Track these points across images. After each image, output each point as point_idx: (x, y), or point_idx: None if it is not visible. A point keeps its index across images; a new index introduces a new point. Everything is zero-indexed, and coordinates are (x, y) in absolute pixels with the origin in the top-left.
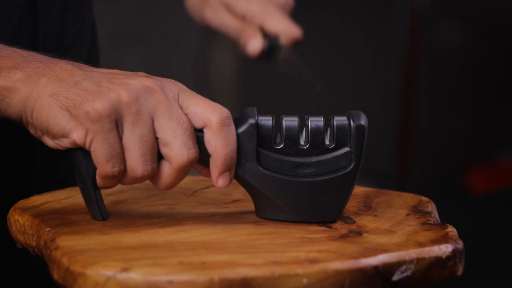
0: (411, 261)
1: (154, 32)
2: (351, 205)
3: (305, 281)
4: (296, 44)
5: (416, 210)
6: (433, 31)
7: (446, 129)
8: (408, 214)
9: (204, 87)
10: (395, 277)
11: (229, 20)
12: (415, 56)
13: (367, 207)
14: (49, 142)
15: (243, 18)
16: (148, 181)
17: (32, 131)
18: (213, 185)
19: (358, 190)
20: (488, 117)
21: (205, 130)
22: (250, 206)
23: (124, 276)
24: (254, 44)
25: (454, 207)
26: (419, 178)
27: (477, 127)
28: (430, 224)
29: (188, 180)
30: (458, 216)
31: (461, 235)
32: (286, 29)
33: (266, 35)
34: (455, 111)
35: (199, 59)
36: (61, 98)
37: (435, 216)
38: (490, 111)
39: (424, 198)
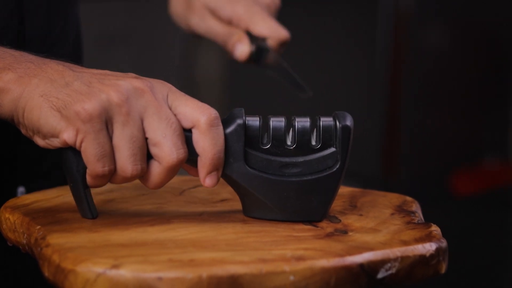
0: (395, 259)
1: (141, 34)
2: (337, 204)
3: (291, 278)
4: (284, 46)
5: (401, 210)
6: (418, 34)
7: (433, 132)
8: (392, 214)
9: (190, 89)
10: (380, 275)
11: (215, 25)
12: (401, 59)
13: (353, 206)
14: (40, 141)
15: (229, 22)
16: (137, 181)
17: (23, 131)
18: (201, 185)
19: (344, 190)
20: (474, 120)
21: (193, 130)
22: (237, 205)
23: (114, 273)
24: (242, 49)
25: (439, 209)
26: (406, 180)
27: (464, 130)
28: (414, 223)
29: (176, 179)
30: (443, 217)
31: (447, 236)
32: (273, 31)
33: (253, 38)
34: (442, 114)
35: (185, 61)
36: (52, 99)
37: (419, 215)
38: (476, 114)
39: (408, 198)
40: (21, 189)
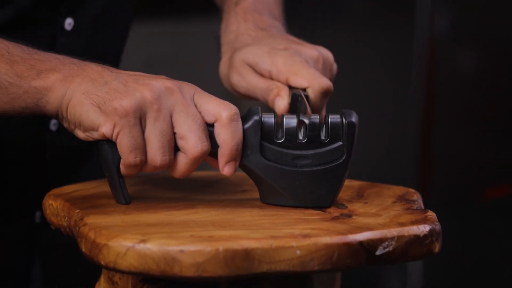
0: (392, 238)
1: (187, 58)
2: (345, 194)
3: (298, 252)
4: (326, 96)
5: (402, 199)
6: (453, 57)
7: (467, 153)
8: (394, 202)
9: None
10: (378, 252)
11: (255, 80)
12: (436, 81)
13: (360, 196)
14: (81, 134)
15: (269, 75)
16: (167, 173)
17: (65, 125)
18: (225, 178)
19: (354, 183)
20: (507, 142)
21: (215, 124)
22: (257, 195)
23: (142, 246)
24: (280, 104)
25: (473, 225)
26: (440, 198)
27: (498, 151)
28: (413, 209)
29: (203, 173)
30: (474, 229)
31: (475, 241)
32: (312, 81)
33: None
34: (475, 137)
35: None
36: (92, 96)
37: (419, 204)
38: (509, 136)
39: (411, 190)
40: (38, 214)
